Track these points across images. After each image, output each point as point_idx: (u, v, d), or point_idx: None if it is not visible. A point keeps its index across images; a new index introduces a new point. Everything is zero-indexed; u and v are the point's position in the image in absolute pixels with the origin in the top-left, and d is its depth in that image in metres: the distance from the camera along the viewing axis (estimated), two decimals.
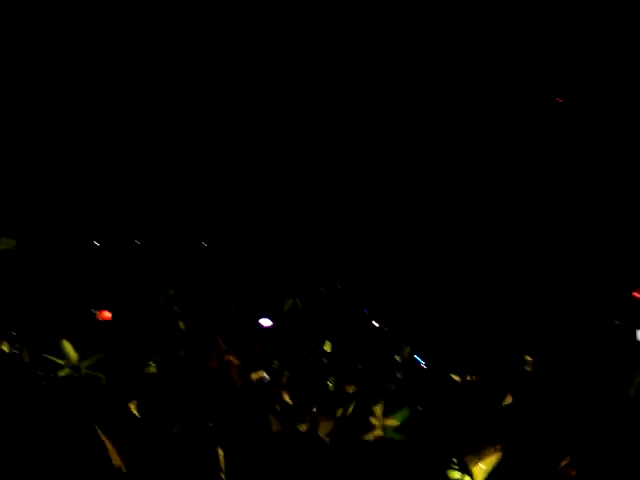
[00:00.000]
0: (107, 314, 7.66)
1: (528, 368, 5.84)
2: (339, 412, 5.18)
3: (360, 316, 9.04)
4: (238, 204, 10.19)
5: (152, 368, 6.07)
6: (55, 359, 5.89)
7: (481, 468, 4.45)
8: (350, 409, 5.17)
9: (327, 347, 7.18)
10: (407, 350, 6.35)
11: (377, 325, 9.22)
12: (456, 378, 5.82)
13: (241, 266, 9.92)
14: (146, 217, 10.05)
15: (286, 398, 5.24)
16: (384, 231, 9.97)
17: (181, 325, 6.99)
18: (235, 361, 5.79)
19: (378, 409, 5.19)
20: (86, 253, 9.65)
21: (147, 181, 10.06)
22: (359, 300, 9.24)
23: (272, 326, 7.53)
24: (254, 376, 5.70)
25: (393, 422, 5.16)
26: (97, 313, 7.77)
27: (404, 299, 9.27)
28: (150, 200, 9.99)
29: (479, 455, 4.40)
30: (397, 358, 6.41)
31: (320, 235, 10.25)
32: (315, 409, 5.21)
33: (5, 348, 7.60)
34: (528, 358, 6.14)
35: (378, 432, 5.09)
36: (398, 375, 6.15)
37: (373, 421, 5.10)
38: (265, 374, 5.86)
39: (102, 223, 10.05)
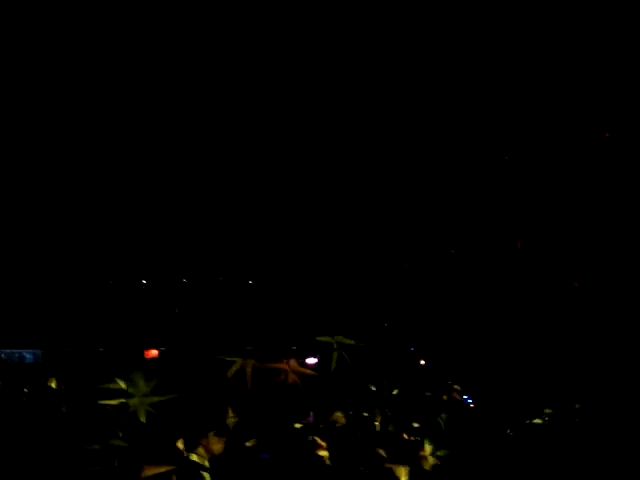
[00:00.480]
0: (154, 352, 7.73)
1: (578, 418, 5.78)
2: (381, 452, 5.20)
3: (406, 354, 8.99)
4: (283, 245, 10.24)
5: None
6: (123, 386, 5.95)
7: None
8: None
9: (372, 387, 7.16)
10: (454, 389, 6.27)
11: (423, 363, 9.15)
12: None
13: (288, 304, 9.92)
14: (191, 256, 10.15)
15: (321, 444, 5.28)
16: (425, 272, 9.93)
17: (232, 369, 6.98)
18: None
19: (427, 446, 5.20)
20: (134, 292, 9.77)
21: (191, 222, 10.18)
22: (405, 338, 9.19)
23: (316, 364, 7.52)
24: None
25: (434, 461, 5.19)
26: (145, 352, 7.84)
27: (450, 337, 9.19)
28: (194, 240, 10.10)
29: None
30: (444, 397, 6.34)
31: (366, 276, 10.23)
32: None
33: (53, 385, 7.70)
34: (577, 406, 6.07)
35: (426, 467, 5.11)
36: (442, 415, 6.10)
37: (423, 461, 5.12)
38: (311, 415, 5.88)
39: (150, 262, 10.16)
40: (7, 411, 7.07)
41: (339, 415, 5.73)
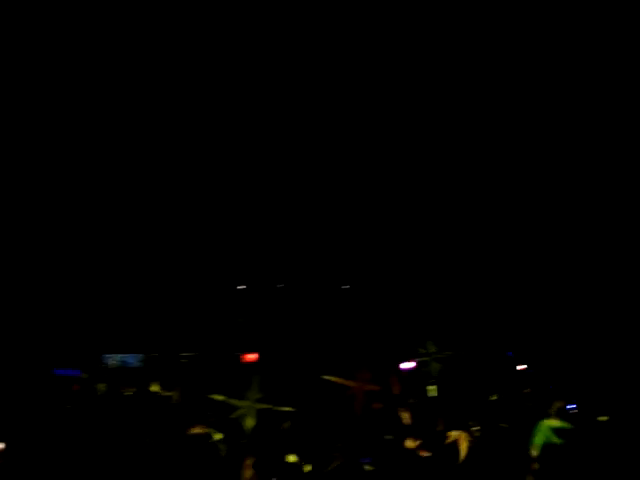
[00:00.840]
0: (251, 356, 7.84)
1: None
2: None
3: (504, 359, 8.85)
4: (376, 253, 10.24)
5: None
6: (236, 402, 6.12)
7: None
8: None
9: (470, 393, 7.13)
10: (556, 394, 6.15)
11: (521, 368, 8.98)
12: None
13: (381, 309, 9.91)
14: (286, 262, 10.23)
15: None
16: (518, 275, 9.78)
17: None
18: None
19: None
20: (231, 298, 9.92)
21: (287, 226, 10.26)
22: (502, 342, 9.04)
23: (413, 368, 7.51)
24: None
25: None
26: (241, 356, 7.95)
27: (549, 341, 9.01)
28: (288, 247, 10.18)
29: None
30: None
31: (459, 279, 10.13)
32: None
33: (155, 389, 7.90)
34: None
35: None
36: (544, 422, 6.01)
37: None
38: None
39: (244, 268, 10.29)
40: (111, 415, 7.28)
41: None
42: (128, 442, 5.98)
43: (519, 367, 9.10)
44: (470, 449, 5.37)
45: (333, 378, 6.59)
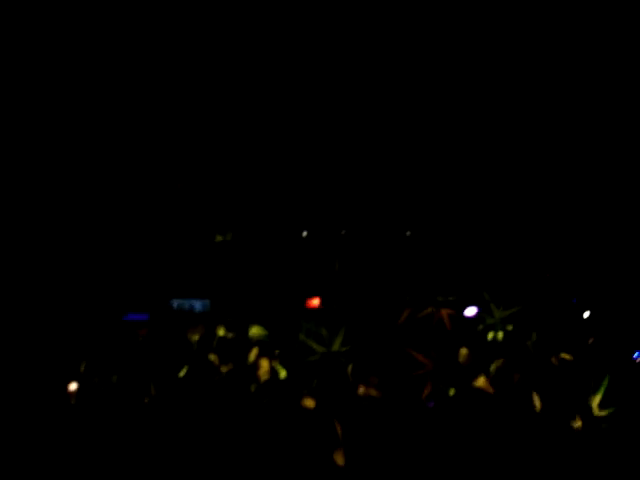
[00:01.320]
0: (315, 302, 7.90)
1: None
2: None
3: (569, 305, 8.74)
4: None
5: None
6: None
7: None
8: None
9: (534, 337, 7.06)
10: (620, 343, 6.06)
11: (587, 315, 8.86)
12: None
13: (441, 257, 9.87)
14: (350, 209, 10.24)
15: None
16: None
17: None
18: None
19: (596, 399, 5.15)
20: (293, 244, 9.98)
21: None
22: (569, 289, 8.93)
23: (476, 314, 7.49)
24: None
25: (603, 413, 5.10)
26: (307, 300, 8.03)
27: (616, 285, 8.86)
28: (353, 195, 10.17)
29: None
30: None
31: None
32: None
33: (221, 333, 8.07)
34: None
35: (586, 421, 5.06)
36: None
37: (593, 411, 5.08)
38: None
39: (310, 215, 10.34)
40: (179, 359, 7.48)
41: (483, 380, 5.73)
42: (198, 383, 6.14)
43: (585, 314, 8.98)
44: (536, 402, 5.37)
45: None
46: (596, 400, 5.31)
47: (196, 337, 8.13)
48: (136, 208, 10.32)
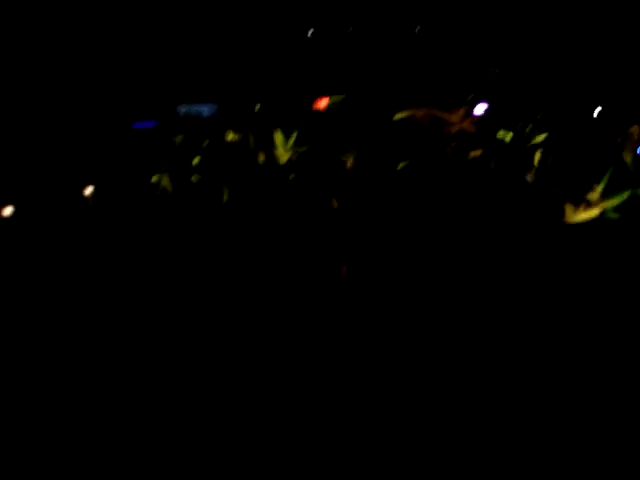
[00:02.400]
0: (323, 103, 7.80)
1: None
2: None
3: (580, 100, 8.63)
4: None
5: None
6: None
7: None
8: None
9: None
10: (636, 130, 5.97)
11: (599, 110, 8.77)
12: None
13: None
14: None
15: None
16: None
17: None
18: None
19: (598, 188, 5.12)
20: (300, 43, 9.74)
21: None
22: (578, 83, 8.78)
23: (487, 110, 7.40)
24: None
25: (612, 202, 5.09)
26: (315, 102, 7.94)
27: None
28: None
29: None
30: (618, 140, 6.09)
31: None
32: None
33: (230, 137, 8.07)
34: None
35: (595, 211, 5.05)
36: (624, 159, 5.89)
37: (590, 197, 5.06)
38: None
39: None
40: (189, 162, 7.53)
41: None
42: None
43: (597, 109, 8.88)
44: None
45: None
46: (598, 189, 5.31)
47: (205, 142, 8.13)
48: (140, 12, 10.06)
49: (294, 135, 6.26)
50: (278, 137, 6.22)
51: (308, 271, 5.39)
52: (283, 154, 6.09)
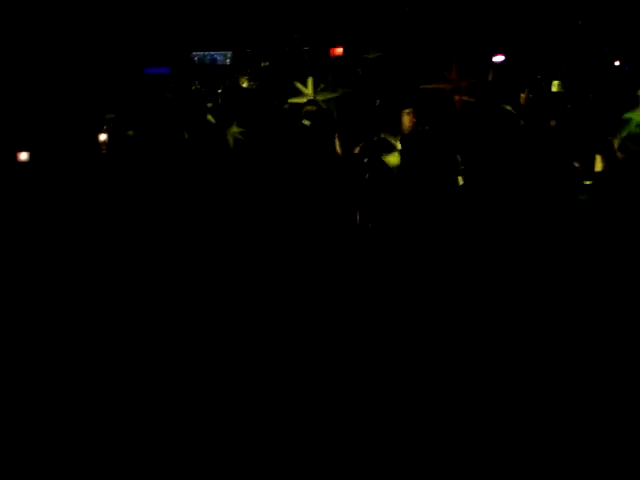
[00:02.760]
0: (339, 50, 7.77)
1: None
2: None
3: (600, 54, 8.56)
4: None
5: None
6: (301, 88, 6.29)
7: None
8: None
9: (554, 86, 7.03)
10: None
11: (618, 64, 8.70)
12: None
13: None
14: None
15: None
16: None
17: None
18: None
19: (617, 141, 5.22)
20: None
21: None
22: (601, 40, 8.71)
23: (503, 61, 7.37)
24: None
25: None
26: (330, 50, 7.89)
27: None
28: None
29: None
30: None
31: None
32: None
33: (244, 84, 8.06)
34: None
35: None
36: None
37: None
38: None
39: None
40: (204, 110, 7.51)
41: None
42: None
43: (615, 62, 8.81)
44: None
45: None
46: (617, 142, 5.34)
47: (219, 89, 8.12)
48: None
49: (330, 78, 6.32)
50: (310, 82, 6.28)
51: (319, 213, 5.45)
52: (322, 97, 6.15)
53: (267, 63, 8.40)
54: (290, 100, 6.46)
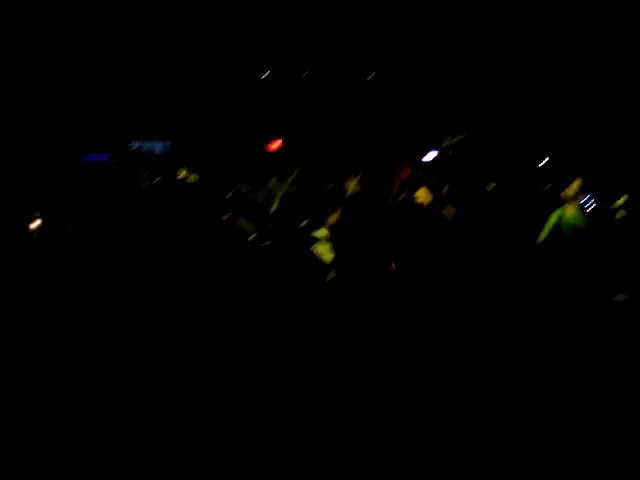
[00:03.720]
0: (275, 145, 7.94)
1: None
2: None
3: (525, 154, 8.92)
4: None
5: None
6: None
7: None
8: None
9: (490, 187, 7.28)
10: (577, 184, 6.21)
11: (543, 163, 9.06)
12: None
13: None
14: None
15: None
16: None
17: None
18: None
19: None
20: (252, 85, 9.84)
21: None
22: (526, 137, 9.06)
23: (435, 158, 7.61)
24: None
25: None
26: (266, 146, 8.06)
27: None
28: None
29: None
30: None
31: None
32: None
33: (182, 175, 8.12)
34: None
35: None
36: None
37: None
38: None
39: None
40: (137, 200, 7.53)
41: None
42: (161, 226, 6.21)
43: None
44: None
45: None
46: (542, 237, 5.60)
47: (157, 179, 8.15)
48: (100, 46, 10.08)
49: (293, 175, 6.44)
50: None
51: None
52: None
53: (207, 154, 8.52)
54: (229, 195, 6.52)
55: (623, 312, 5.00)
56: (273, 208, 6.28)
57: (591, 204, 6.58)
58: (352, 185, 6.11)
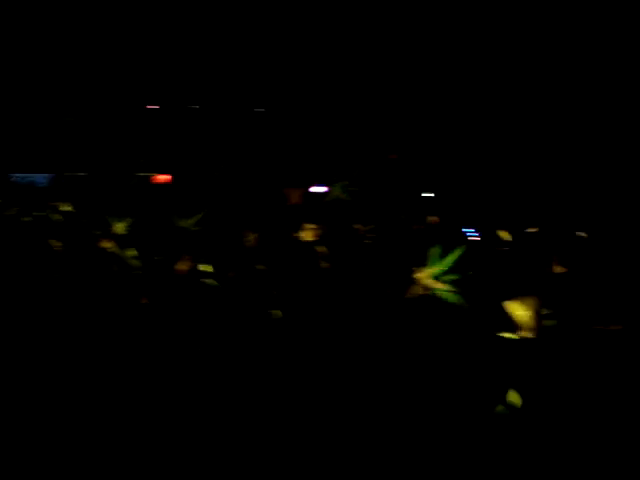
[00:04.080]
0: (161, 177, 7.78)
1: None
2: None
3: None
4: None
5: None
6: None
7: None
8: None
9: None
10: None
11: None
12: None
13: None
14: None
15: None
16: None
17: None
18: None
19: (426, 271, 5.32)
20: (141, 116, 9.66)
21: None
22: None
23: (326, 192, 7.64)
24: None
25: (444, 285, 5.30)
26: (151, 177, 7.87)
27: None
28: None
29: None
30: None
31: None
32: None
33: (65, 209, 7.83)
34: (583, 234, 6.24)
35: (419, 290, 5.23)
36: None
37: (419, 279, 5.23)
38: None
39: None
40: (20, 234, 7.22)
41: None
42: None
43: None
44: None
45: None
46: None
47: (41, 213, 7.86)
48: None
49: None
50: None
51: None
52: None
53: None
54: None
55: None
56: None
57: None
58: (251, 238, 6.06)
